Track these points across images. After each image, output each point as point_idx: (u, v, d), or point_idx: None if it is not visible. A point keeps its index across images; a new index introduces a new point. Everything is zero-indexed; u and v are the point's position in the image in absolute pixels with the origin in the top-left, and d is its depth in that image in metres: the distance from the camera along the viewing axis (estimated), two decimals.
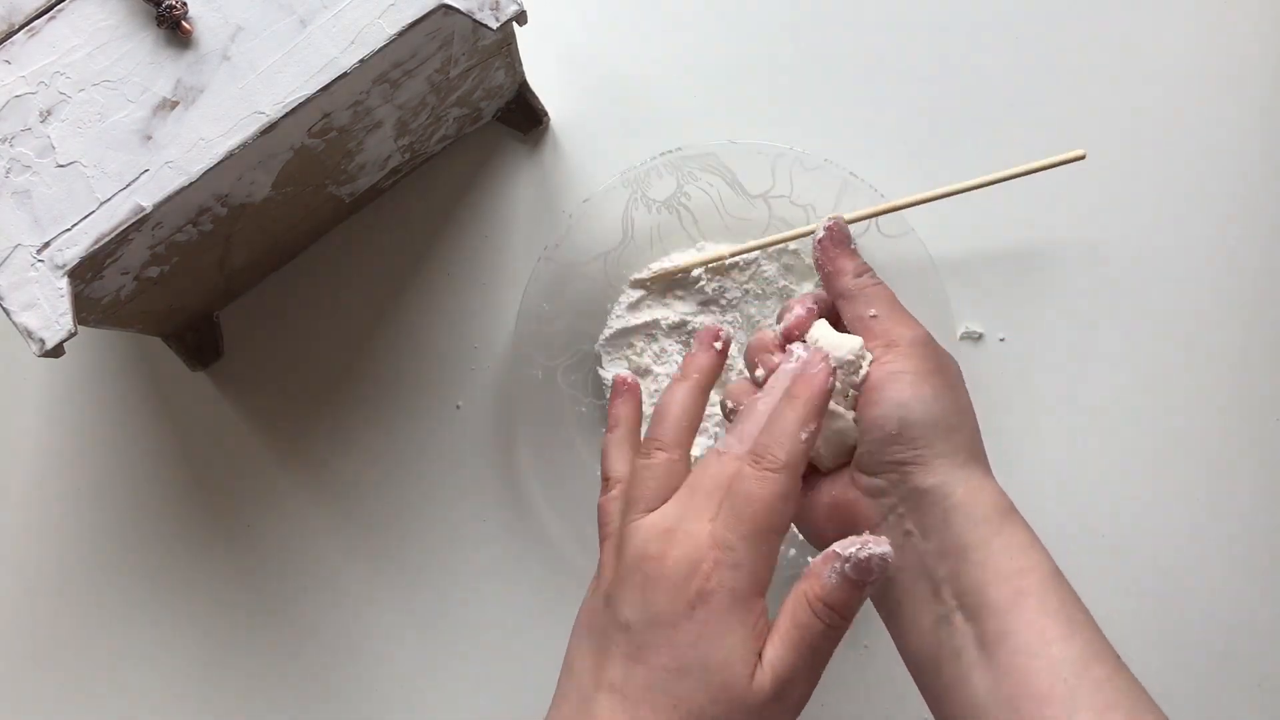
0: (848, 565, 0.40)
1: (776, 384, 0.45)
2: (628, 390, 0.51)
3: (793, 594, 0.41)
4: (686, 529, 0.41)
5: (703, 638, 0.40)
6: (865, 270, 0.50)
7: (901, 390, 0.45)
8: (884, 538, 0.41)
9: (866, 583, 0.40)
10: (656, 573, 0.41)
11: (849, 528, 0.46)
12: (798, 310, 0.50)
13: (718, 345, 0.49)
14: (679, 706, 0.40)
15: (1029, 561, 0.43)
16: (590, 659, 0.42)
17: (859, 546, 0.40)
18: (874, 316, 0.48)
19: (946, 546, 0.44)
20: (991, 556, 0.43)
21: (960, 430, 0.46)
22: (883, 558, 0.40)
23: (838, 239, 0.50)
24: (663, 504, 0.43)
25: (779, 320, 0.50)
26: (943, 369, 0.47)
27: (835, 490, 0.47)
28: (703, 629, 0.40)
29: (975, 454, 0.46)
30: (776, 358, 0.48)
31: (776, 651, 0.41)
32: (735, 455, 0.43)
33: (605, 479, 0.48)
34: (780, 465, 0.42)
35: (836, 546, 0.41)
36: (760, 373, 0.49)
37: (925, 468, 0.45)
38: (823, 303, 0.51)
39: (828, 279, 0.50)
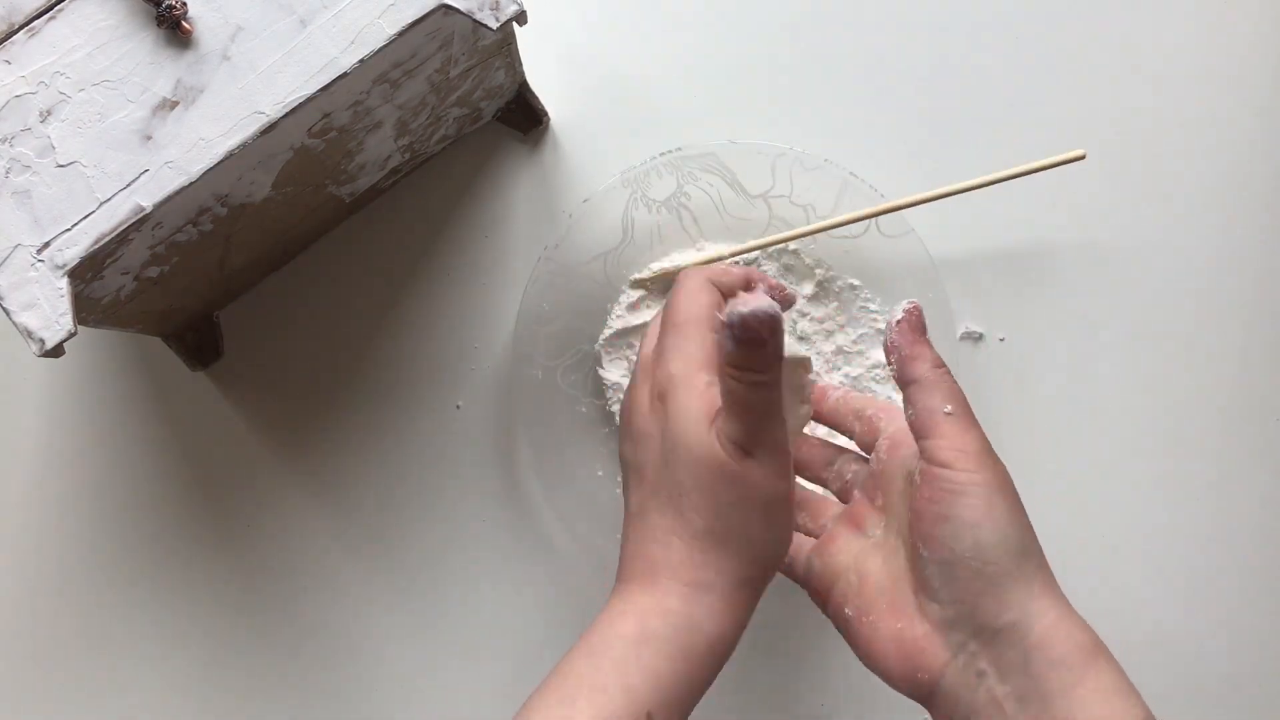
0: (735, 330, 0.40)
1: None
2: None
3: (717, 368, 0.44)
4: (640, 371, 0.49)
5: (669, 420, 0.45)
6: (942, 364, 0.47)
7: (975, 508, 0.43)
8: (758, 293, 0.41)
9: (760, 338, 0.40)
10: (628, 404, 0.49)
11: (915, 665, 0.44)
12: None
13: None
14: (674, 492, 0.44)
15: (1117, 709, 0.40)
16: (626, 500, 0.48)
17: (729, 311, 0.40)
18: (949, 413, 0.45)
19: (1027, 692, 0.41)
20: (1077, 707, 0.40)
21: (1032, 554, 0.43)
22: (755, 313, 0.39)
23: (916, 325, 0.47)
24: None
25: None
26: (1008, 484, 0.44)
27: (900, 624, 0.45)
28: (666, 417, 0.45)
29: (1049, 582, 0.43)
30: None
31: (722, 420, 0.44)
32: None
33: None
34: (685, 275, 0.49)
35: (719, 313, 0.42)
36: None
37: (1000, 600, 0.42)
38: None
39: (903, 363, 0.46)
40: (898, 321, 0.47)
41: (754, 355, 0.40)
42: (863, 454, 0.53)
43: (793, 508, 0.45)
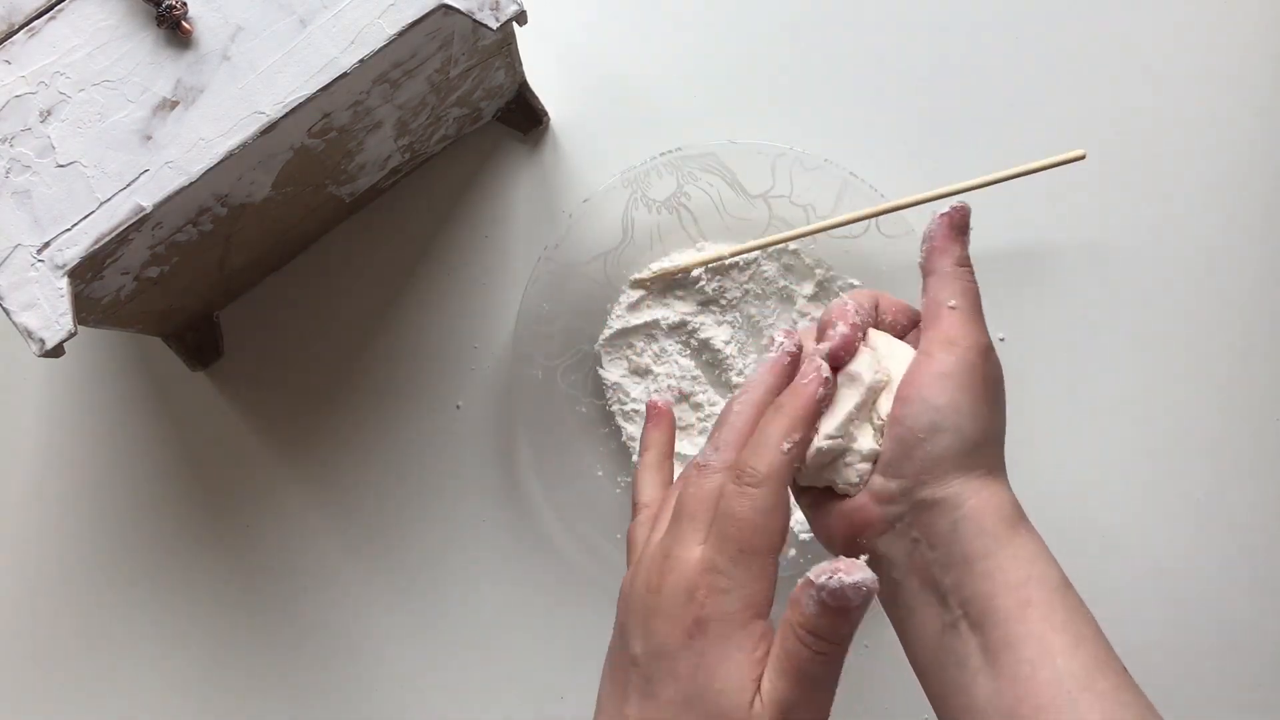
0: (824, 593, 0.38)
1: (755, 382, 0.44)
2: (659, 415, 0.50)
3: (781, 622, 0.40)
4: (678, 555, 0.41)
5: (700, 668, 0.39)
6: (968, 263, 0.47)
7: (939, 394, 0.43)
8: (861, 563, 0.39)
9: (848, 609, 0.38)
10: (654, 604, 0.41)
11: (856, 531, 0.45)
12: (841, 329, 0.46)
13: (787, 354, 0.46)
14: None
15: (1036, 571, 0.42)
16: (612, 693, 0.42)
17: (829, 575, 0.38)
18: (953, 307, 0.45)
19: (953, 556, 0.43)
20: (998, 566, 0.42)
21: (985, 448, 0.44)
22: (857, 585, 0.38)
23: (959, 224, 0.46)
24: None
25: (820, 335, 0.47)
26: (991, 382, 0.45)
27: (854, 499, 0.46)
28: (700, 659, 0.40)
29: (993, 467, 0.44)
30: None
31: (772, 680, 0.40)
32: (715, 468, 0.42)
33: (635, 505, 0.48)
34: (759, 479, 0.41)
35: (811, 574, 0.39)
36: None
37: (940, 481, 0.43)
38: (865, 315, 0.48)
39: (930, 253, 0.46)
40: (942, 215, 0.46)
41: (837, 624, 0.39)
42: None
43: None
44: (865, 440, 0.45)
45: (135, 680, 0.63)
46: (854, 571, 0.38)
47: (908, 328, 0.49)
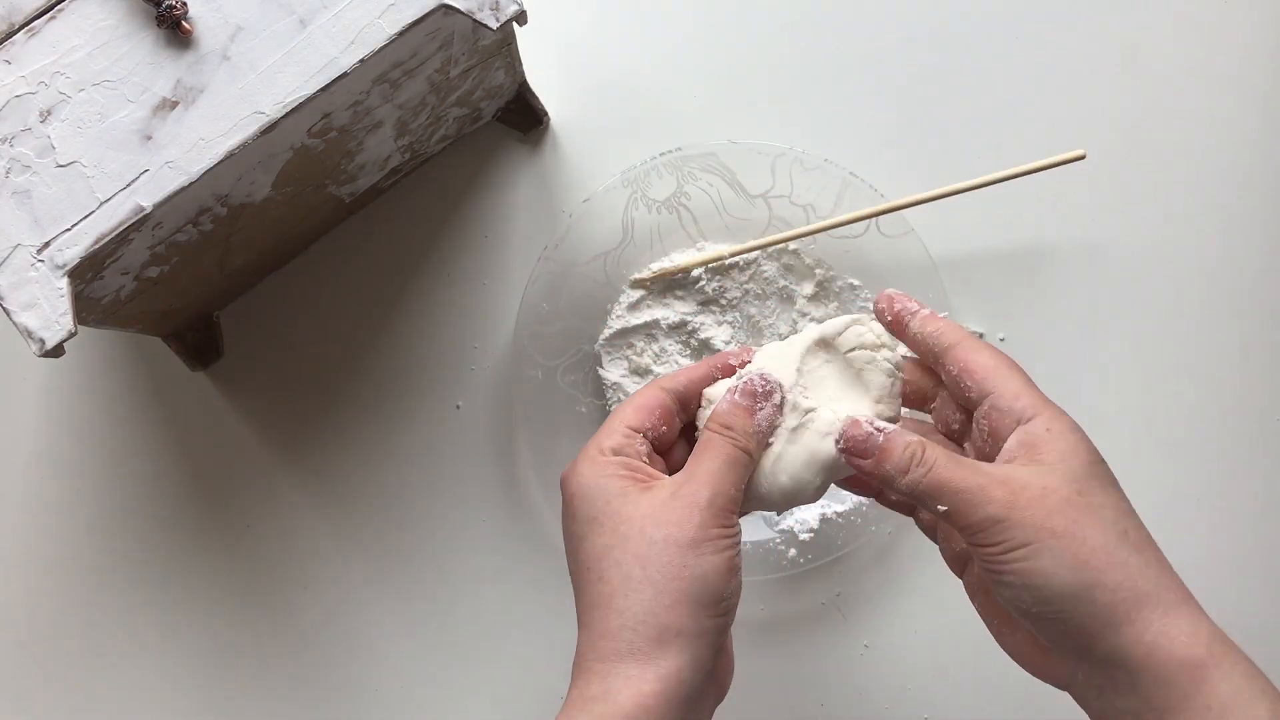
0: (736, 394, 0.45)
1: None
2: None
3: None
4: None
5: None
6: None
7: (1078, 544, 0.39)
8: (766, 374, 0.45)
9: (753, 408, 0.44)
10: None
11: (1046, 674, 0.43)
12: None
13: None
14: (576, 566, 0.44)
15: None
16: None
17: (743, 380, 0.45)
18: (1049, 431, 0.42)
19: (1143, 710, 0.39)
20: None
21: (1150, 574, 0.41)
22: (763, 380, 0.44)
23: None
24: None
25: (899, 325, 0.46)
26: (1118, 494, 0.42)
27: (1019, 635, 0.44)
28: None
29: (1138, 602, 0.40)
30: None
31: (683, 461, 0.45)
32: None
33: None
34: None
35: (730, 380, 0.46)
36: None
37: (1090, 636, 0.40)
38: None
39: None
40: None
41: (740, 416, 0.45)
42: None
43: (691, 547, 0.41)
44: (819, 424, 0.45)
45: (135, 680, 0.63)
46: (760, 381, 0.45)
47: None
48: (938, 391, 0.47)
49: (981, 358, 0.44)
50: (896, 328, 0.47)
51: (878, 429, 0.43)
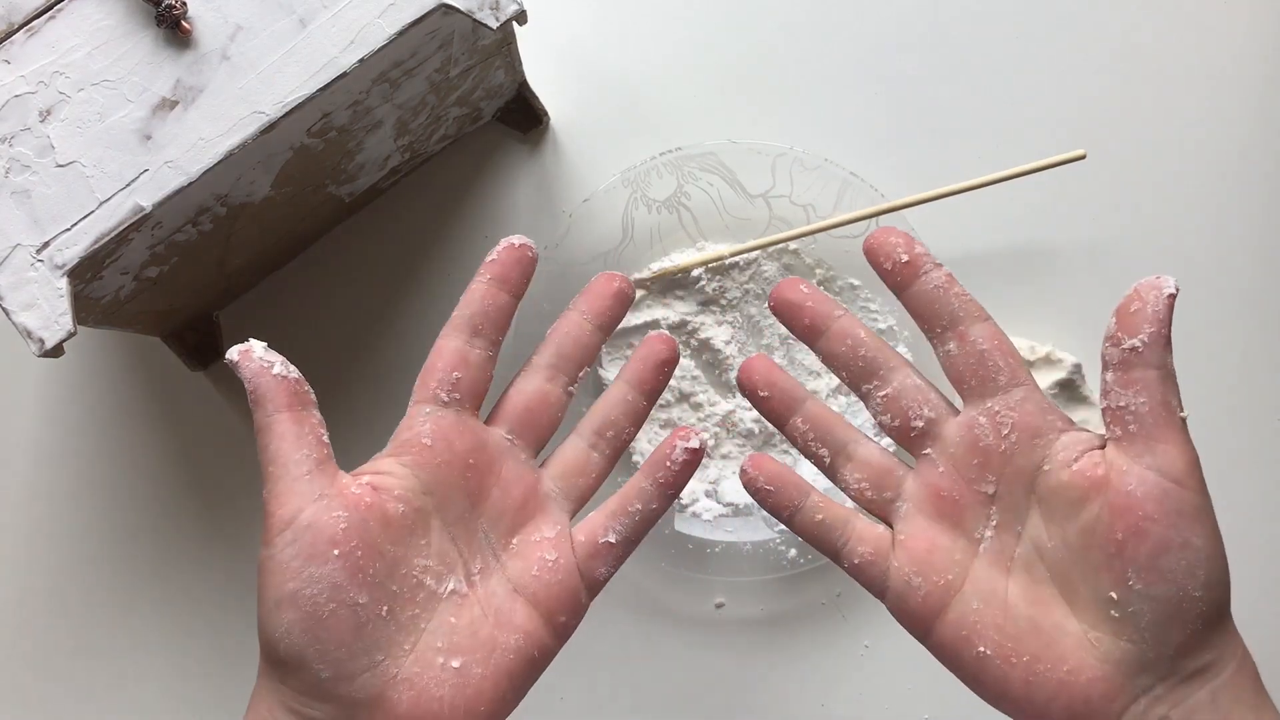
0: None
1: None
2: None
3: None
4: None
5: None
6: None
7: (1210, 538, 0.37)
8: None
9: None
10: None
11: (1089, 713, 0.37)
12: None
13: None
14: None
15: None
16: None
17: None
18: (1184, 418, 0.39)
19: None
20: None
21: (1228, 594, 0.38)
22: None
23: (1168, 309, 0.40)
24: None
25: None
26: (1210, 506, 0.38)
27: (1067, 667, 0.38)
28: None
29: (1229, 616, 0.38)
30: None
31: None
32: None
33: None
34: None
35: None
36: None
37: (1204, 640, 0.37)
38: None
39: (1154, 340, 0.40)
40: (1170, 294, 0.40)
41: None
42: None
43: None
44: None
45: (135, 680, 0.63)
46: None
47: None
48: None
49: (1010, 344, 0.41)
50: (900, 276, 0.42)
51: None
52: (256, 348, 0.41)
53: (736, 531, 0.61)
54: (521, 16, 0.48)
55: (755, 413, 0.61)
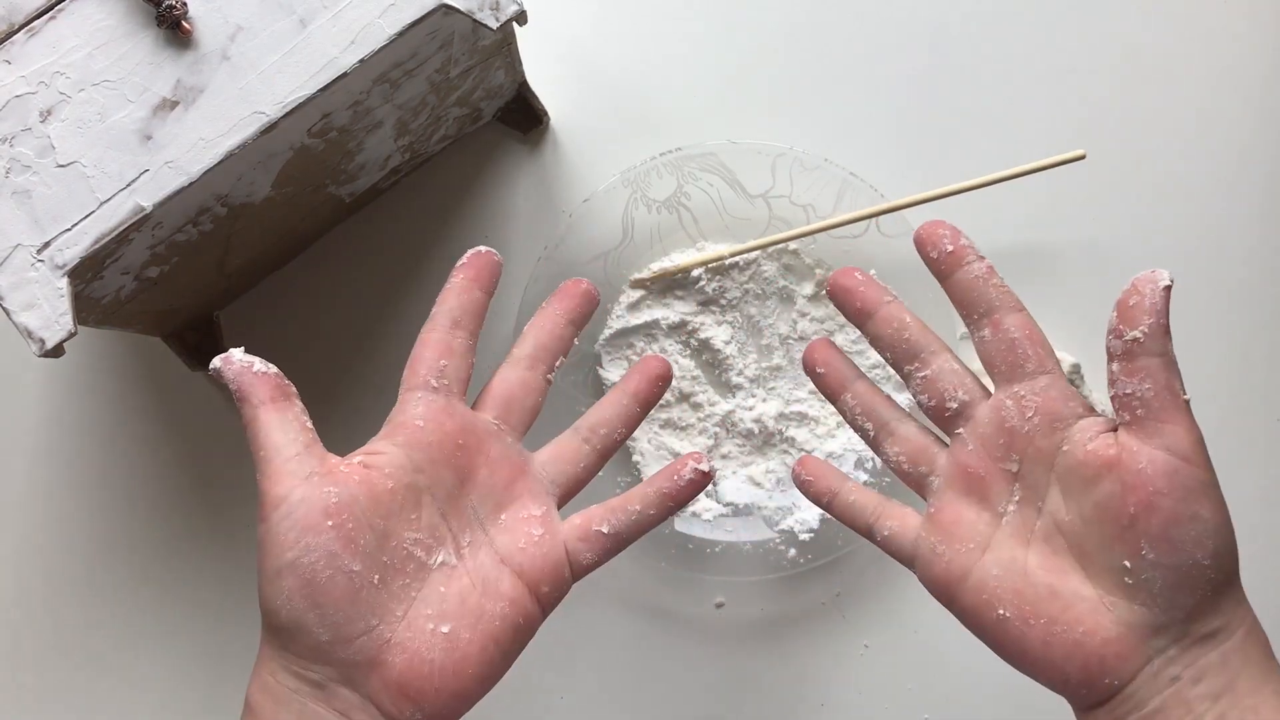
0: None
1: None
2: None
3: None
4: None
5: None
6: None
7: (1218, 509, 0.40)
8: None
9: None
10: None
11: (1104, 673, 0.40)
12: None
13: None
14: None
15: None
16: None
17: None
18: (1187, 400, 0.42)
19: (1218, 690, 0.39)
20: (1264, 702, 0.39)
21: (1237, 555, 0.40)
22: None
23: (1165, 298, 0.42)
24: None
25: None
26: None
27: (1083, 629, 0.40)
28: None
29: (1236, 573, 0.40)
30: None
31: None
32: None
33: None
34: None
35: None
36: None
37: (1216, 606, 0.39)
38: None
39: (1154, 330, 0.42)
40: (1165, 286, 0.43)
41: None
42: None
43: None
44: None
45: (135, 680, 0.63)
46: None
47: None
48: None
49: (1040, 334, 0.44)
50: (944, 265, 0.45)
51: None
52: (236, 353, 0.44)
53: (736, 531, 0.61)
54: (521, 17, 0.48)
55: (754, 413, 0.62)
